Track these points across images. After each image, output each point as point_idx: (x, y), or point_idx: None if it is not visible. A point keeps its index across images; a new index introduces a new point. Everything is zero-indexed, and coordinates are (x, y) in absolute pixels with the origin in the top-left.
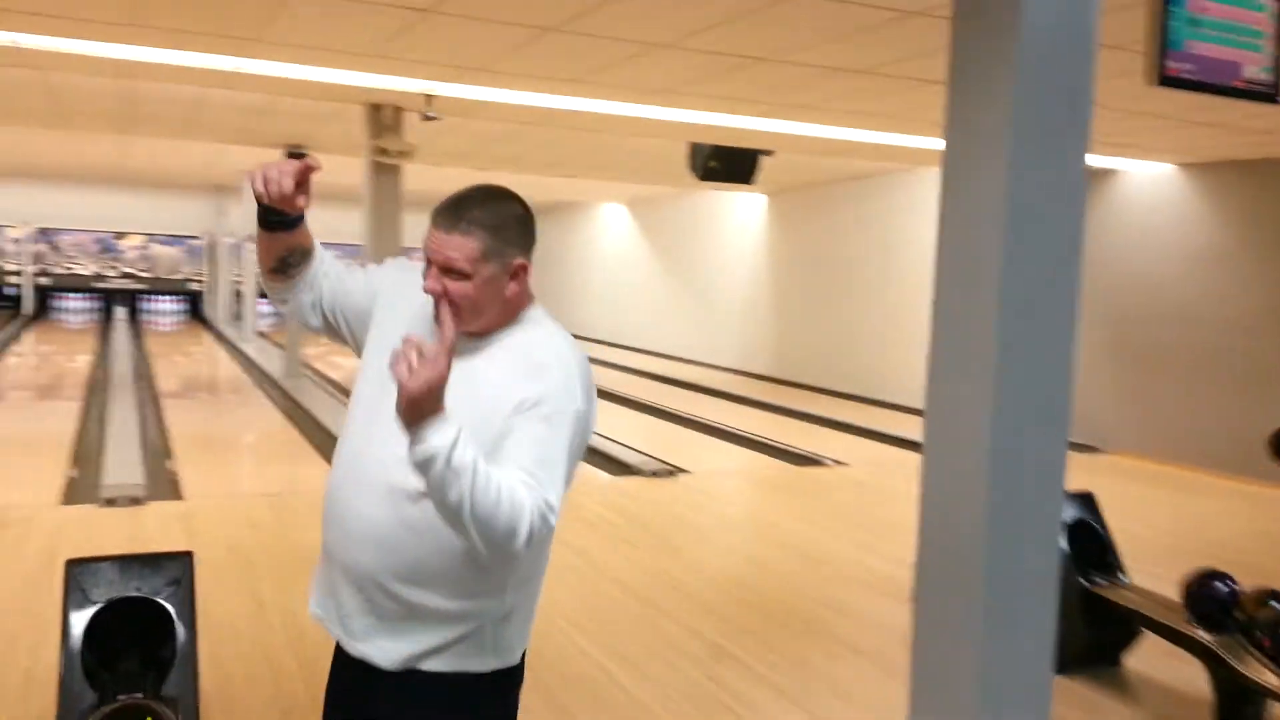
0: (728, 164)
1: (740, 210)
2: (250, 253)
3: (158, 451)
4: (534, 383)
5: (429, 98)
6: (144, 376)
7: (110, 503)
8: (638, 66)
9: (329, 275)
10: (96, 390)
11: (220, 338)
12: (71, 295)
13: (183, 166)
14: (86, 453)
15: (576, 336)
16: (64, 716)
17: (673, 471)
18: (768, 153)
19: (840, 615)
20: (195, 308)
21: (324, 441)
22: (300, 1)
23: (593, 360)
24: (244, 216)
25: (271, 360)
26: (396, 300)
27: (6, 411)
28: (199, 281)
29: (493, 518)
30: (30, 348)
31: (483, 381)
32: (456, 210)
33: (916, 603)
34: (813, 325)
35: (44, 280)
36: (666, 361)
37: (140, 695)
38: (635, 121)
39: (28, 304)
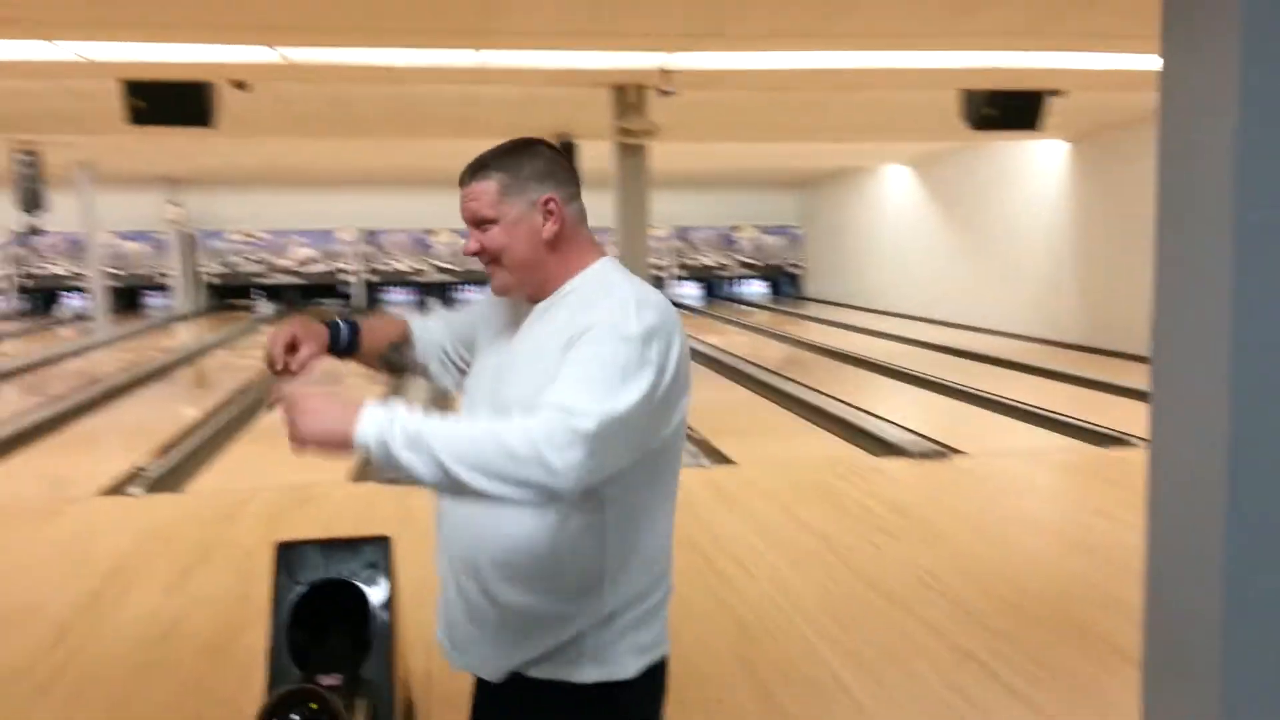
0: (1006, 109)
1: (1038, 161)
2: None
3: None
4: (583, 315)
5: (665, 72)
6: None
7: (393, 482)
8: (875, 9)
9: (438, 331)
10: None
11: None
12: (394, 289)
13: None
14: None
15: (857, 309)
16: (270, 692)
17: (944, 453)
18: (1056, 93)
19: (1124, 621)
20: None
21: None
22: None
23: (873, 333)
24: None
25: None
26: (490, 318)
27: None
28: None
29: (490, 458)
30: None
31: (542, 351)
32: (474, 164)
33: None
34: (1127, 285)
35: (371, 277)
36: (957, 332)
37: (339, 676)
38: (892, 73)
39: (359, 298)
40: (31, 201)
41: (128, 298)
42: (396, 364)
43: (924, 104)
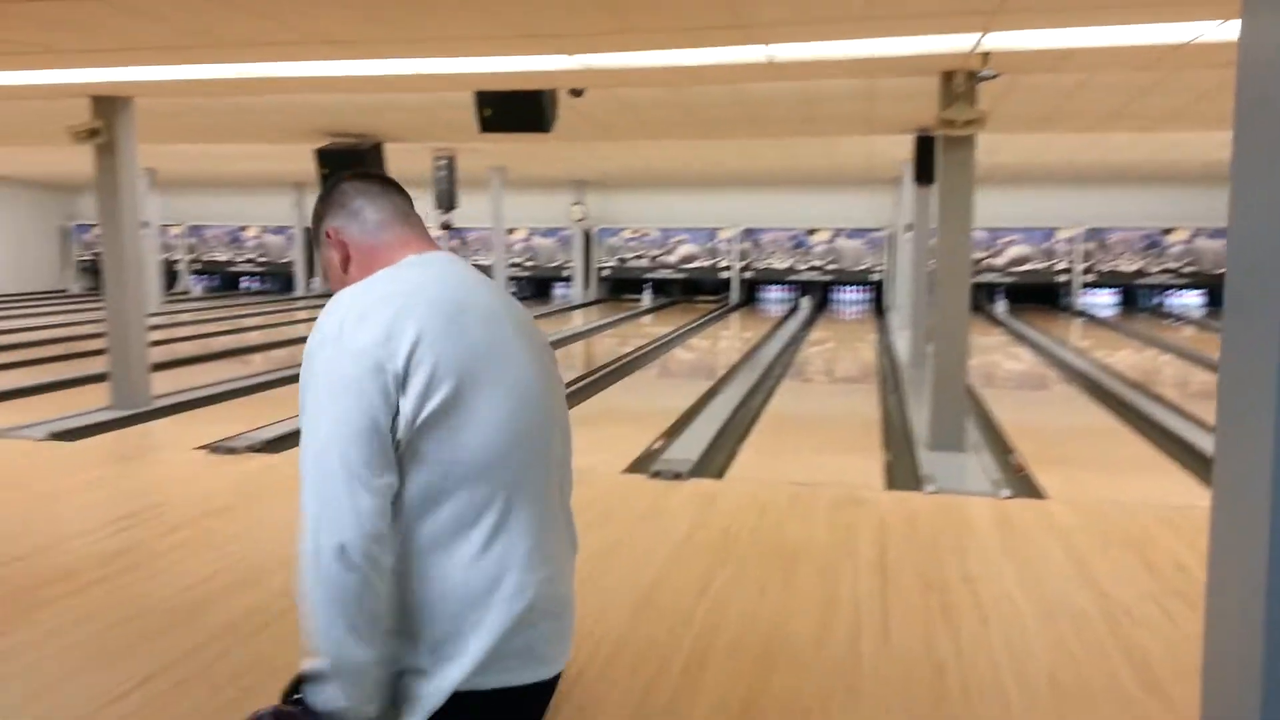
0: None
1: None
2: (907, 244)
3: (734, 432)
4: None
5: (985, 55)
6: (784, 361)
7: (656, 475)
8: None
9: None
10: (734, 369)
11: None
12: (770, 287)
13: (849, 163)
14: (677, 427)
15: None
16: None
17: None
18: None
19: None
20: (878, 298)
21: (863, 438)
22: None
23: None
24: (906, 207)
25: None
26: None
27: (669, 384)
28: (880, 272)
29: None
30: (735, 331)
31: None
32: None
33: None
34: None
35: (748, 274)
36: None
37: None
38: None
39: (735, 295)
40: (446, 201)
41: (539, 287)
42: None
43: None
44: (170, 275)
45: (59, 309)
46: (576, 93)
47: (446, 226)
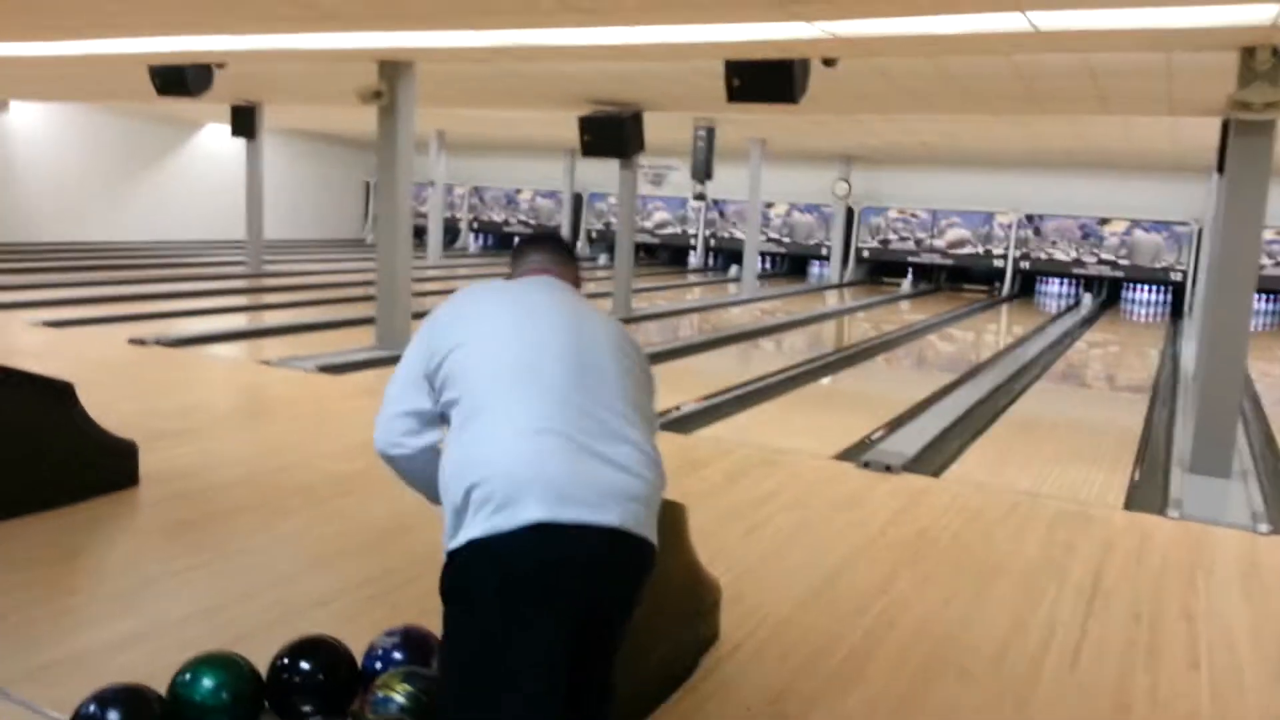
0: None
1: None
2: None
3: (966, 430)
4: None
5: None
6: (1047, 361)
7: (866, 465)
8: None
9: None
10: (988, 364)
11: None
12: (1052, 279)
13: (1151, 147)
14: (904, 418)
15: None
16: None
17: None
18: None
19: None
20: (1176, 299)
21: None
22: None
23: None
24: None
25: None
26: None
27: (911, 374)
28: (1181, 271)
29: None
30: (1002, 325)
31: None
32: None
33: None
34: None
35: (1026, 265)
36: None
37: None
38: None
39: (1008, 286)
40: (702, 171)
41: (794, 264)
42: None
43: None
44: (453, 232)
45: (355, 257)
46: (829, 62)
47: (700, 197)
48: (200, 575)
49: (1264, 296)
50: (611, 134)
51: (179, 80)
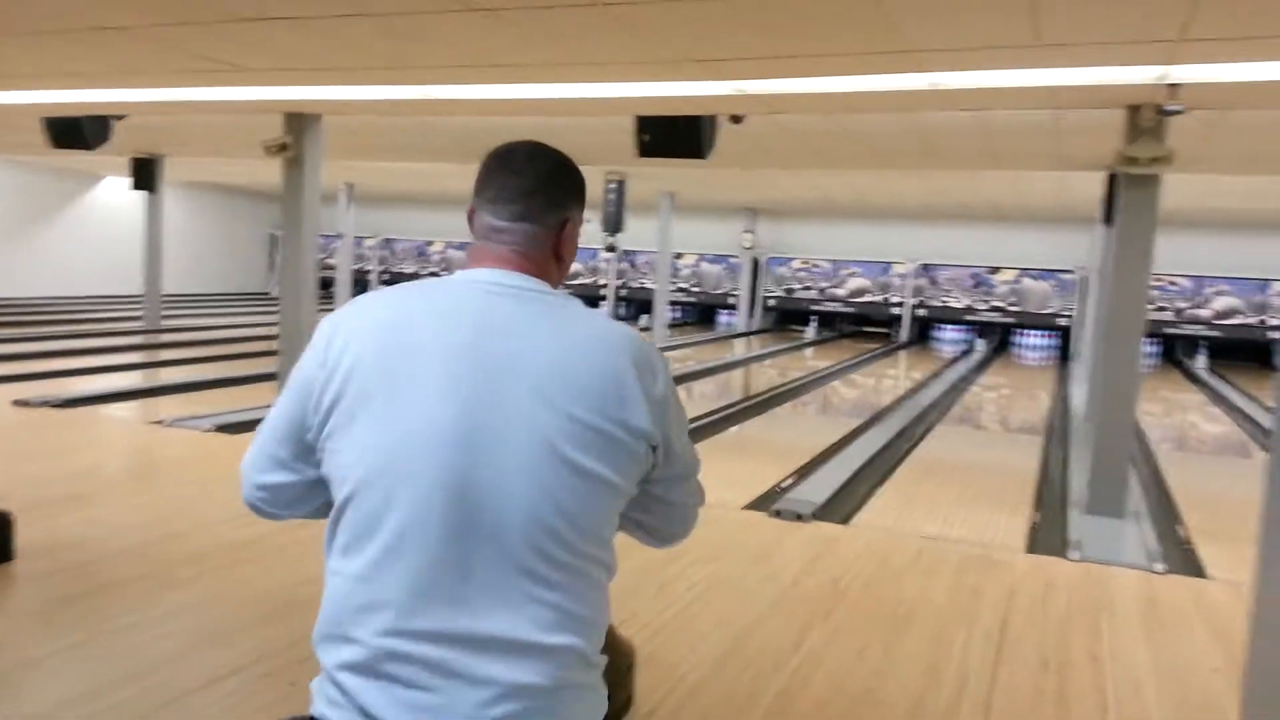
0: None
1: None
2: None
3: (872, 476)
4: None
5: (1172, 87)
6: (945, 405)
7: (776, 514)
8: None
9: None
10: (890, 409)
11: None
12: (946, 326)
13: (1039, 199)
14: (812, 465)
15: None
16: None
17: None
18: None
19: None
20: (1064, 345)
21: (1009, 492)
22: None
23: None
24: (1096, 248)
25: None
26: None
27: (816, 421)
28: (1067, 316)
29: None
30: (901, 370)
31: None
32: None
33: None
34: None
35: (921, 311)
36: None
37: None
38: None
39: (905, 332)
40: (614, 223)
41: (703, 313)
42: None
43: None
44: (362, 284)
45: (258, 310)
46: (736, 119)
47: (611, 249)
48: (80, 657)
49: (1146, 340)
50: None
51: (74, 132)
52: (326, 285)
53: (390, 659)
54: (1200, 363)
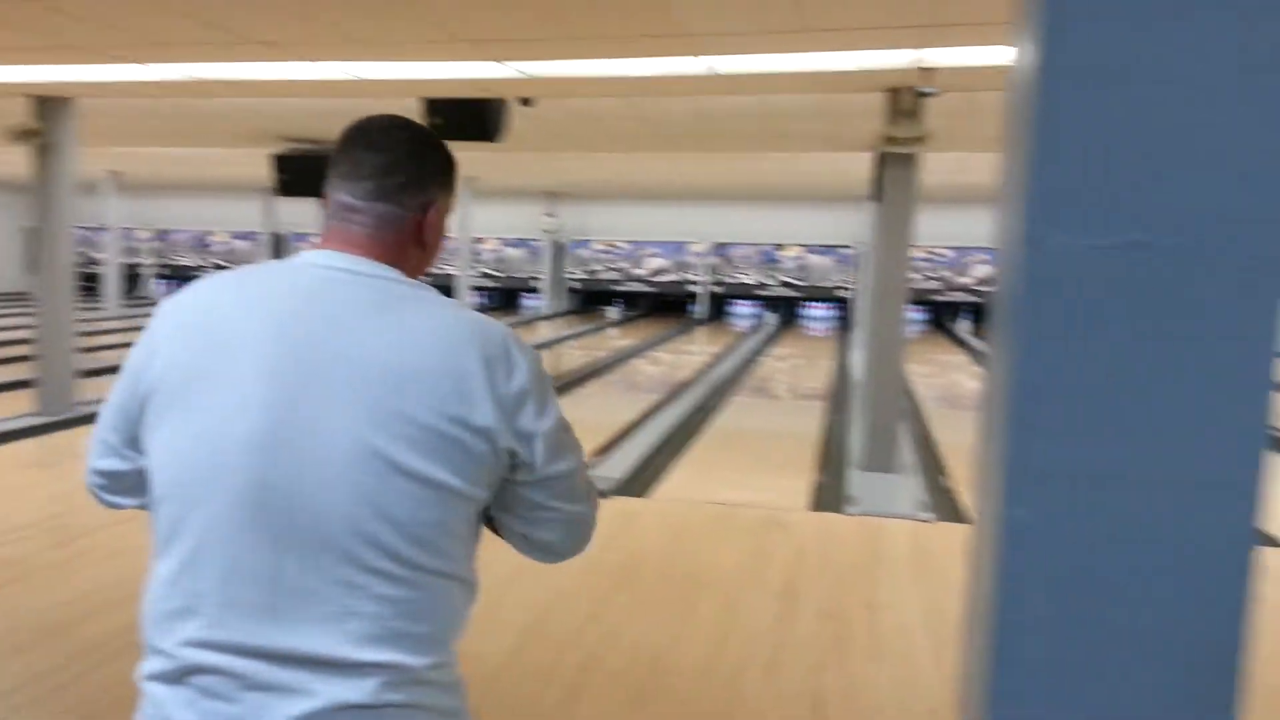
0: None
1: None
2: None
3: (670, 449)
4: None
5: (926, 70)
6: (740, 378)
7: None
8: None
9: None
10: (689, 384)
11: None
12: (740, 301)
13: (818, 179)
14: (614, 442)
15: None
16: None
17: None
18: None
19: None
20: (846, 315)
21: (788, 455)
22: None
23: None
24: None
25: None
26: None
27: (618, 398)
28: (848, 289)
29: None
30: (700, 346)
31: None
32: None
33: None
34: None
35: (718, 289)
36: None
37: None
38: None
39: (703, 309)
40: None
41: (507, 297)
42: None
43: None
44: (132, 279)
45: (15, 312)
46: (526, 102)
47: None
48: None
49: (915, 307)
50: (311, 173)
51: None
52: (93, 281)
53: (197, 671)
54: (964, 327)
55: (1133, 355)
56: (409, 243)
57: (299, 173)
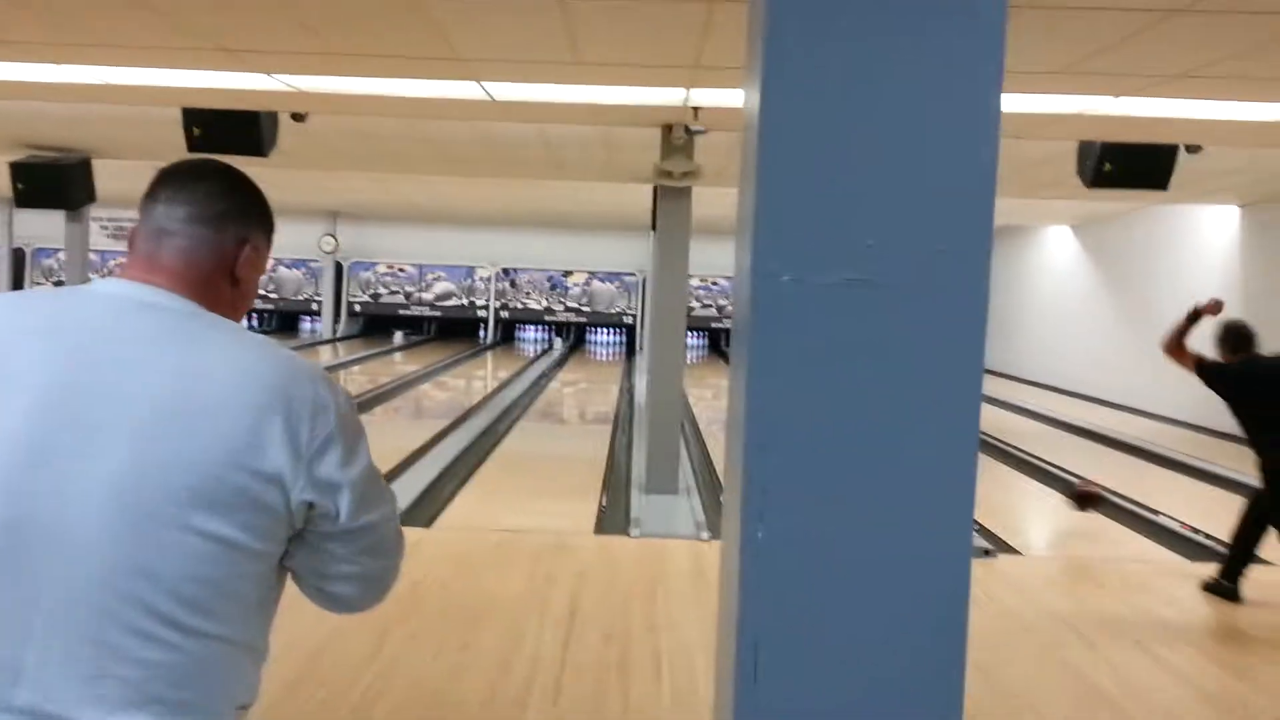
0: (1126, 165)
1: (1206, 227)
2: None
3: (456, 476)
4: None
5: (696, 110)
6: (527, 402)
7: None
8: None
9: None
10: (475, 409)
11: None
12: (527, 326)
13: (601, 208)
14: (398, 470)
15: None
16: None
17: (989, 552)
18: (1193, 149)
19: None
20: (630, 340)
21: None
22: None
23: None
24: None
25: None
26: None
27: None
28: (632, 315)
29: None
30: (488, 371)
31: None
32: None
33: None
34: None
35: (504, 314)
36: (1107, 412)
37: None
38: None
39: (490, 334)
40: None
41: (284, 320)
42: None
43: (1039, 154)
44: None
45: None
46: (298, 117)
47: None
48: None
49: (695, 333)
50: (52, 183)
51: None
52: None
53: None
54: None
55: (857, 383)
56: (221, 276)
57: (39, 183)
